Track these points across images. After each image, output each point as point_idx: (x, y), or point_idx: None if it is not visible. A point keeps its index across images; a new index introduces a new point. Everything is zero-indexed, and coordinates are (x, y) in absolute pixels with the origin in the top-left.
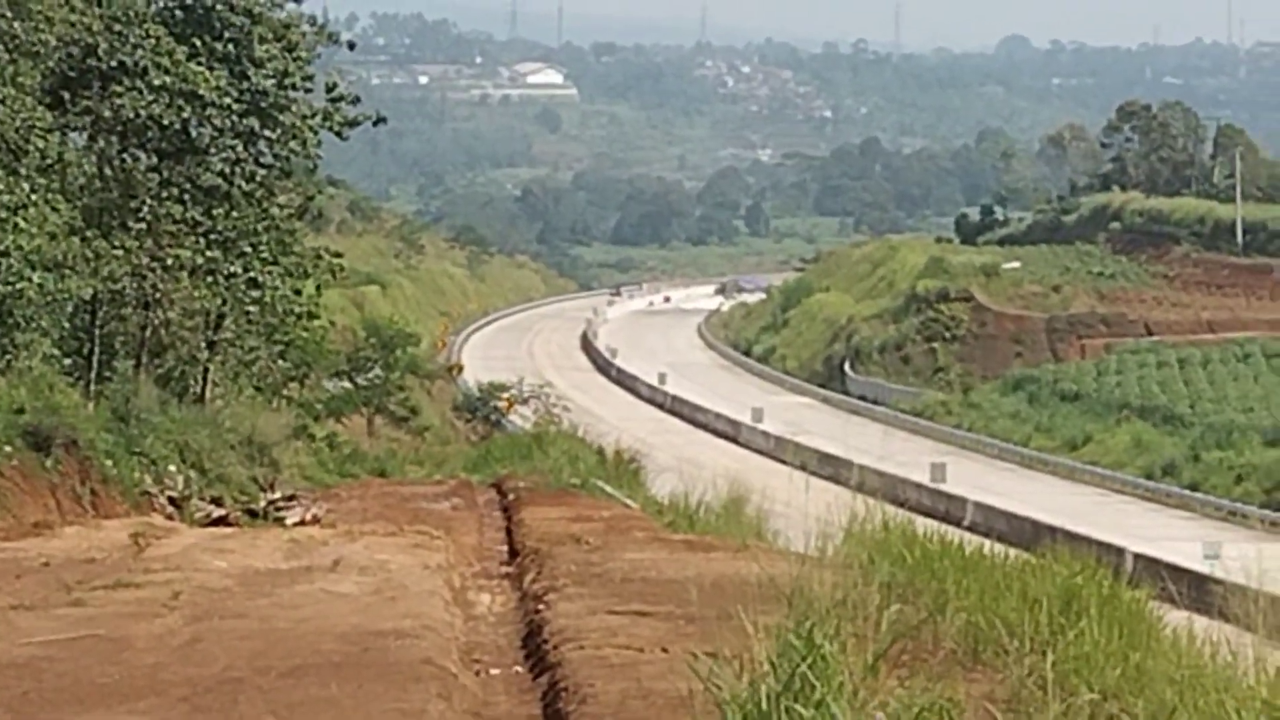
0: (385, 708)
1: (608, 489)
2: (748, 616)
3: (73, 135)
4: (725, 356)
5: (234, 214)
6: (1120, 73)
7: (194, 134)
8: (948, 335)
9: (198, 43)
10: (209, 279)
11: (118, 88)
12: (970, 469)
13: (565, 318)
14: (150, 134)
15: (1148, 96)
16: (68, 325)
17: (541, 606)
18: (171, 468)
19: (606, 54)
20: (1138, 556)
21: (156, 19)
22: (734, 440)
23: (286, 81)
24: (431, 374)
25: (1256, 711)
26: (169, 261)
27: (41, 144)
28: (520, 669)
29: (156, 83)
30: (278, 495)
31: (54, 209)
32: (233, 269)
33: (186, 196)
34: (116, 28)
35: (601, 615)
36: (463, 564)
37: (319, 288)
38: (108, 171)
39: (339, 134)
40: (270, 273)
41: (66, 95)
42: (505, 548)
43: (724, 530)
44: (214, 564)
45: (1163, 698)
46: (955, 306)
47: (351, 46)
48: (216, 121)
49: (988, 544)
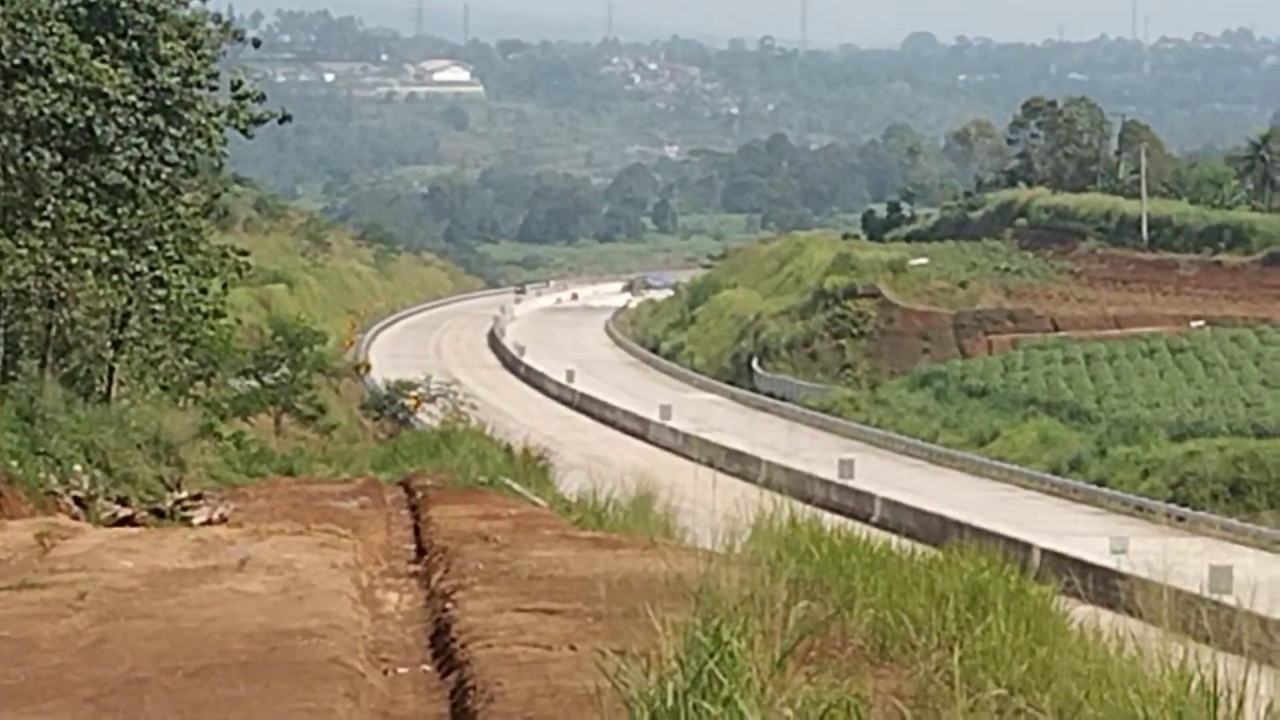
0: (292, 707)
1: (516, 487)
2: (655, 614)
3: None
4: (633, 354)
5: (139, 212)
6: (1026, 69)
7: (98, 132)
8: (855, 332)
9: (102, 40)
10: (114, 278)
11: (21, 86)
12: (878, 465)
13: (473, 315)
14: (54, 132)
15: (1053, 93)
16: None
17: (449, 605)
18: (77, 467)
19: (513, 51)
20: (1045, 552)
21: (60, 16)
22: (642, 437)
23: (191, 79)
24: (339, 372)
25: (1162, 706)
26: (74, 260)
27: None
28: (428, 667)
29: (60, 80)
30: (184, 495)
31: None
32: (138, 267)
33: (91, 195)
34: (20, 25)
35: (509, 613)
36: (370, 563)
37: (225, 286)
38: (11, 170)
39: (244, 132)
40: (176, 271)
41: None
42: (413, 546)
43: (632, 527)
44: (120, 564)
45: (1069, 692)
46: (862, 303)
47: (257, 44)
48: (121, 119)
49: (895, 540)
